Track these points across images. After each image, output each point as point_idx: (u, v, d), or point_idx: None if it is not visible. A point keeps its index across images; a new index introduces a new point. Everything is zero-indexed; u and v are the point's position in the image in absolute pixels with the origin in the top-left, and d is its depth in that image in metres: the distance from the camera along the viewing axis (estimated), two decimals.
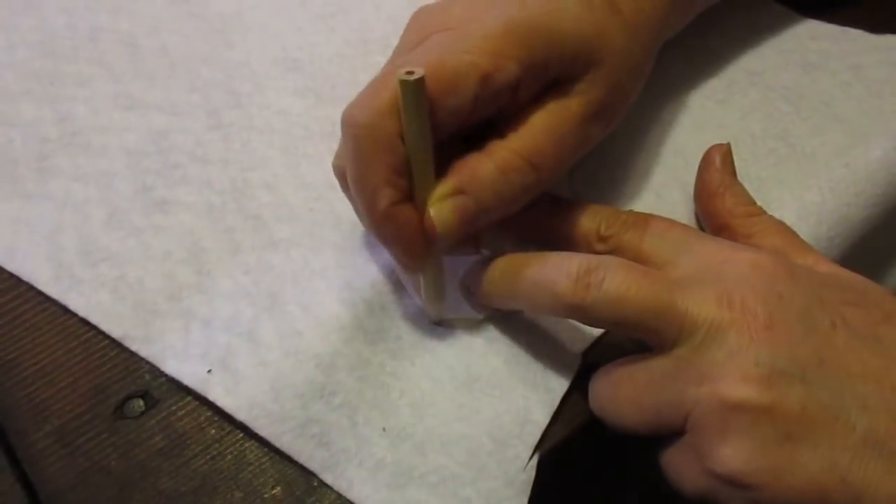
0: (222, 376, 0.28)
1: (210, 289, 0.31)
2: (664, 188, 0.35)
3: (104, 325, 0.30)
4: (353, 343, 0.29)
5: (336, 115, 0.35)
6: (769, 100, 0.37)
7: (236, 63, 0.38)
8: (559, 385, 0.29)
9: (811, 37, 0.40)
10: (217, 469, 0.27)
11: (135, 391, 0.29)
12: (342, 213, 0.33)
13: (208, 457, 0.28)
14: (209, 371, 0.28)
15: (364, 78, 0.37)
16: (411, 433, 0.28)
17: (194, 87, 0.37)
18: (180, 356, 0.29)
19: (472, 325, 0.30)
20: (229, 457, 0.28)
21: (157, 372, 0.29)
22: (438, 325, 0.30)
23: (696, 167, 0.35)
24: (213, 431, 0.28)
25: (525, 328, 0.30)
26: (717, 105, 0.37)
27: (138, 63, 0.38)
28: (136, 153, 0.35)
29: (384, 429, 0.28)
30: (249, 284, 0.31)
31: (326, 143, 0.35)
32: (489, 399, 0.29)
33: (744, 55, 0.39)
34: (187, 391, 0.29)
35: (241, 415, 0.27)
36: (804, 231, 0.33)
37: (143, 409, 0.28)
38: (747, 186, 0.34)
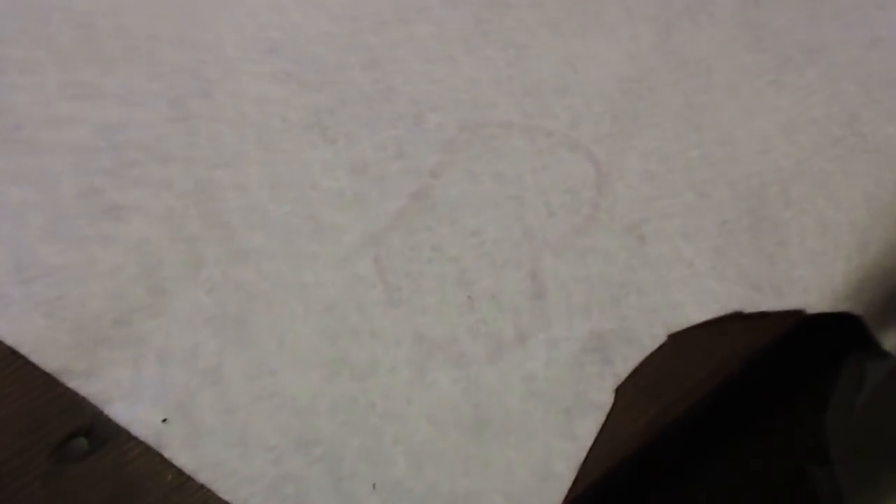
0: (181, 427, 0.26)
1: (166, 311, 0.28)
2: (709, 185, 0.31)
3: (36, 357, 0.27)
4: (336, 380, 0.27)
5: (320, 103, 0.32)
6: (832, 80, 0.34)
7: (206, 45, 0.35)
8: (587, 431, 0.26)
9: (878, 6, 0.36)
10: None
11: (78, 428, 0.26)
12: (325, 217, 0.30)
13: None
14: (164, 420, 0.26)
15: (354, 61, 0.34)
16: (408, 489, 0.25)
17: (156, 73, 0.34)
18: (129, 398, 0.26)
19: None
20: None
21: None
22: None
23: (747, 160, 0.32)
24: (171, 477, 0.25)
25: (545, 358, 0.27)
26: (769, 86, 0.34)
27: (93, 46, 0.35)
28: (86, 149, 0.31)
29: (374, 485, 0.25)
30: (213, 306, 0.28)
31: (308, 137, 0.32)
32: (502, 448, 0.26)
33: (798, 28, 0.36)
34: None
35: (202, 475, 0.25)
36: (878, 234, 0.30)
37: (88, 449, 0.26)
38: (810, 181, 0.31)
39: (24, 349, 0.27)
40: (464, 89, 0.33)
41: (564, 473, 0.25)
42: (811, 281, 0.29)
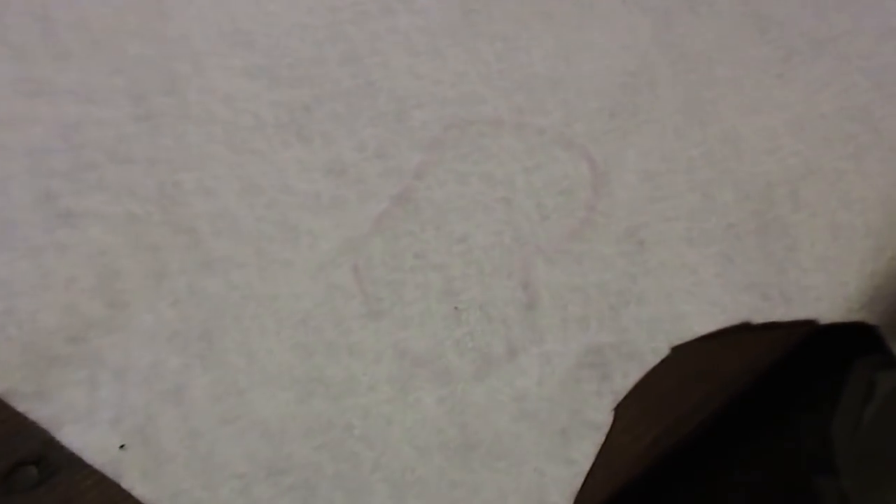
0: (140, 453, 0.25)
1: (125, 327, 0.27)
2: (712, 185, 0.30)
3: None
4: (310, 400, 0.26)
5: (295, 99, 0.31)
6: (842, 73, 0.33)
7: (173, 38, 0.34)
8: (583, 454, 0.25)
9: None
10: None
11: (27, 455, 0.26)
12: (300, 223, 0.29)
13: None
14: (122, 447, 0.25)
15: (332, 54, 0.33)
16: None
17: (118, 69, 0.32)
18: (84, 421, 0.25)
19: None
20: None
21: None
22: None
23: (753, 158, 0.31)
24: None
25: (538, 374, 0.26)
26: (775, 80, 0.33)
27: (50, 40, 0.33)
28: (40, 151, 0.30)
29: None
30: (177, 321, 0.27)
31: (281, 136, 0.31)
32: (492, 473, 0.25)
33: (805, 19, 0.34)
34: None
35: None
36: (894, 237, 0.29)
37: (38, 479, 0.25)
38: (820, 181, 0.29)
39: None
40: (450, 84, 0.32)
41: (559, 501, 0.25)
42: (823, 288, 0.28)
